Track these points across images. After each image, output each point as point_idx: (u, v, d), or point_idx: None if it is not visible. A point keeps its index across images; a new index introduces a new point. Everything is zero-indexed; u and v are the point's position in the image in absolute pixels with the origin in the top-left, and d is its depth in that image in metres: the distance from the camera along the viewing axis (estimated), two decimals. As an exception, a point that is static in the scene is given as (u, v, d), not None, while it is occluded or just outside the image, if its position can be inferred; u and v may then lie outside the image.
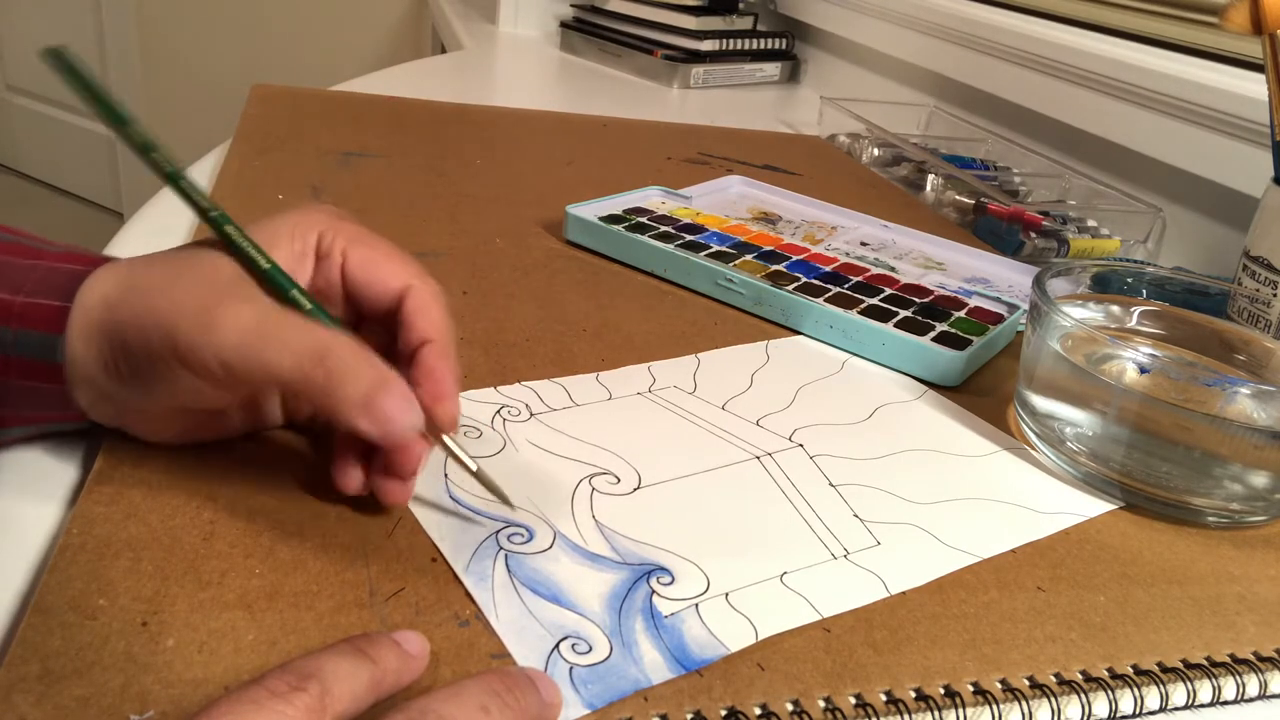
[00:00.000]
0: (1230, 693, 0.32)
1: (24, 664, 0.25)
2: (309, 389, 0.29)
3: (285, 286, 0.32)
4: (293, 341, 0.29)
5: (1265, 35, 0.51)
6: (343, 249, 0.33)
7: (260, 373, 0.29)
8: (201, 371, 0.29)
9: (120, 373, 0.31)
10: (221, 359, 0.29)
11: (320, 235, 0.34)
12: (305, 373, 0.29)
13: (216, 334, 0.29)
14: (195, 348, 0.29)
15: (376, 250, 0.34)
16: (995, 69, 0.92)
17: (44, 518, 0.32)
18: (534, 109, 0.92)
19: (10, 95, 2.57)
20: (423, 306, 0.33)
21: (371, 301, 0.33)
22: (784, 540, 0.35)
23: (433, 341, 0.32)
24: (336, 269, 0.33)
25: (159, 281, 0.31)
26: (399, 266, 0.34)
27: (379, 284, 0.33)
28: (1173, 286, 0.49)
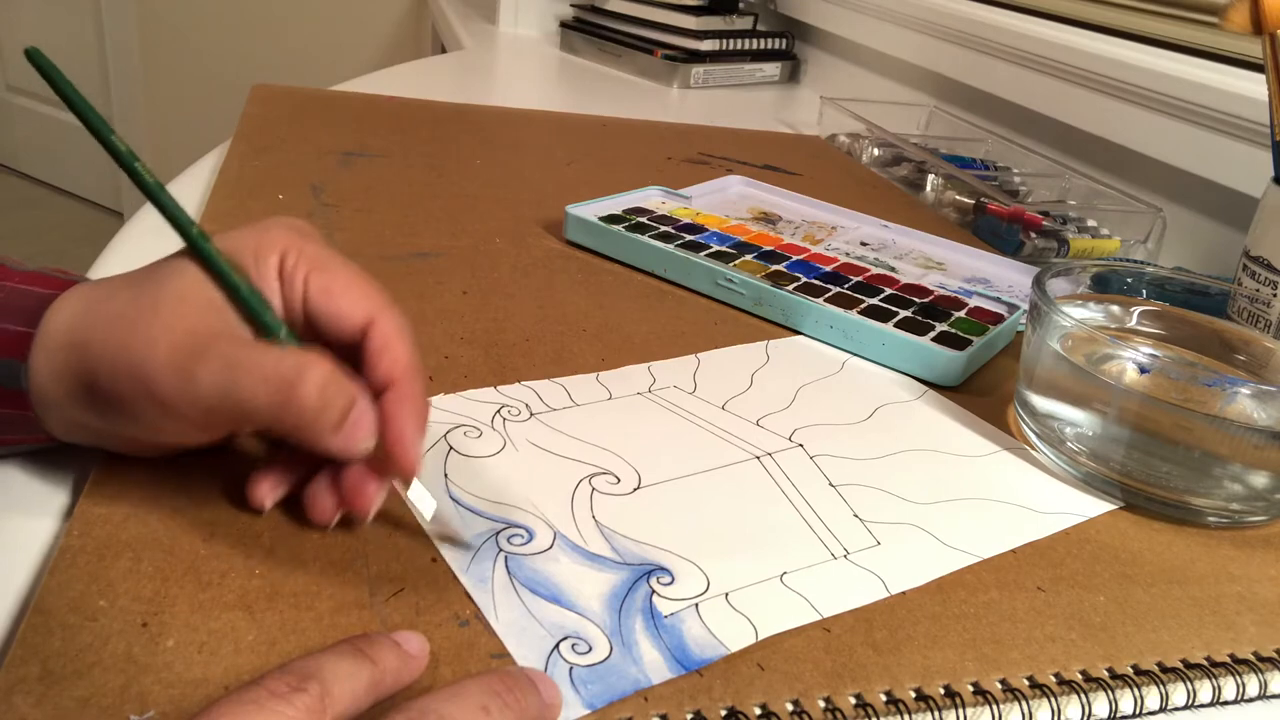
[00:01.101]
0: (1230, 693, 0.32)
1: (24, 665, 0.25)
2: (285, 420, 0.29)
3: (260, 311, 0.31)
4: (263, 374, 0.28)
5: (1265, 35, 0.51)
6: (305, 275, 0.32)
7: (238, 411, 0.29)
8: (184, 419, 0.29)
9: (97, 409, 0.30)
10: (202, 407, 0.29)
11: (283, 257, 0.32)
12: (280, 405, 0.28)
13: (196, 384, 0.28)
14: (176, 400, 0.29)
15: (337, 279, 0.32)
16: (995, 69, 0.92)
17: (44, 519, 0.32)
18: (534, 109, 0.92)
19: (10, 95, 2.57)
20: (385, 344, 0.31)
21: (332, 332, 0.32)
22: (784, 540, 0.35)
23: (394, 385, 0.31)
24: (299, 296, 0.32)
25: (127, 312, 0.30)
26: (360, 298, 0.32)
27: (340, 316, 0.32)
28: (1173, 286, 0.49)
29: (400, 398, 0.31)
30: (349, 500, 0.31)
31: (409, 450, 0.30)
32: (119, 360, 0.29)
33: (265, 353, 0.29)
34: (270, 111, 0.77)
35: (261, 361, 0.29)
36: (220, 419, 0.29)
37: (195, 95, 2.23)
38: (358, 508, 0.31)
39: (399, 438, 0.30)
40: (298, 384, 0.28)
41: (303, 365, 0.29)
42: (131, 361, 0.29)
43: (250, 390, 0.28)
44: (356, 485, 0.31)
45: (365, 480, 0.31)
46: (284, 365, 0.29)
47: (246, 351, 0.29)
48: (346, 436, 0.29)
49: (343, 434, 0.29)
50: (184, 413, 0.29)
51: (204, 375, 0.28)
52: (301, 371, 0.29)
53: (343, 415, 0.29)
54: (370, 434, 0.30)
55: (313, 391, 0.28)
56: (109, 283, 0.31)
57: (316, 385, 0.29)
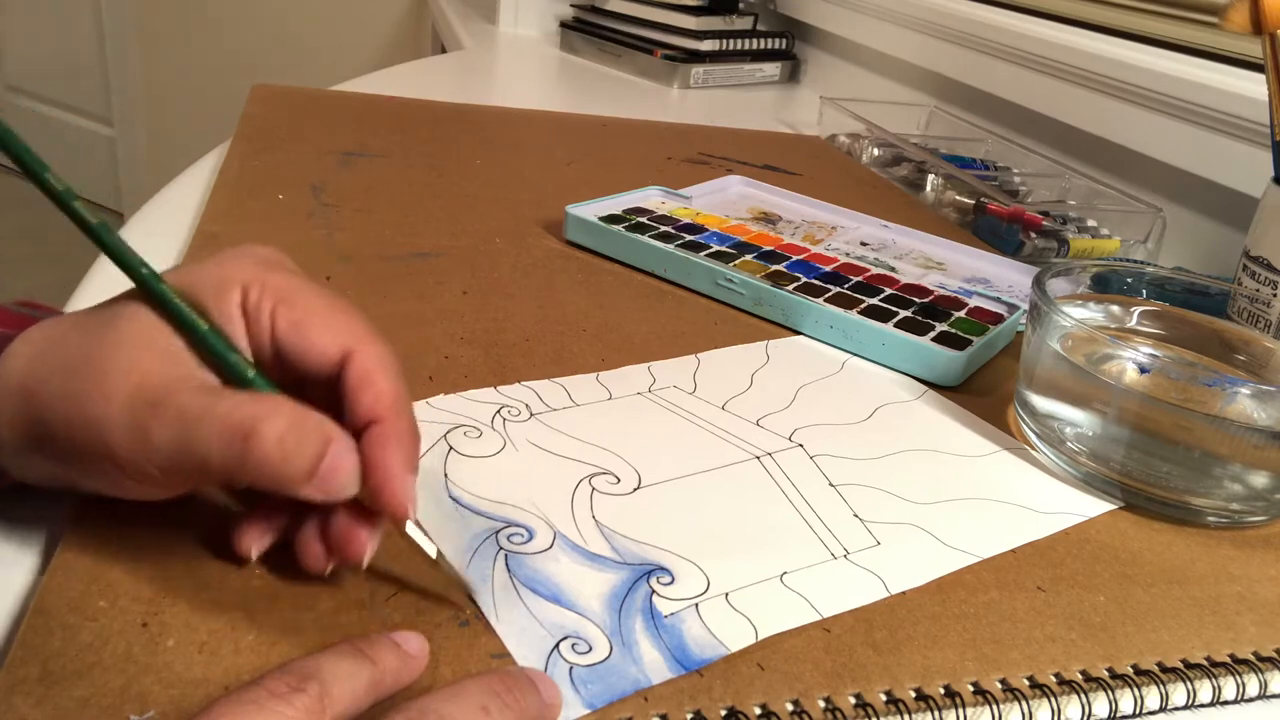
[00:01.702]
0: (1230, 693, 0.32)
1: (24, 665, 0.25)
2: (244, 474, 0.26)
3: (223, 353, 0.28)
4: (217, 427, 0.26)
5: (1265, 35, 0.51)
6: (271, 309, 0.29)
7: (195, 468, 0.27)
8: (143, 480, 0.27)
9: (59, 463, 0.28)
10: (159, 463, 0.27)
11: (245, 291, 0.29)
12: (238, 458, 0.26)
13: (151, 441, 0.26)
14: (133, 459, 0.27)
15: (308, 310, 0.29)
16: (995, 69, 0.92)
17: (45, 518, 0.32)
18: (534, 109, 0.92)
19: (10, 95, 2.57)
20: (364, 379, 0.29)
21: (308, 369, 0.29)
22: (784, 540, 0.35)
23: (377, 422, 0.28)
24: (266, 332, 0.29)
25: (79, 360, 0.27)
26: (335, 330, 0.29)
27: (314, 351, 0.29)
28: (1173, 286, 0.49)
29: (384, 436, 0.28)
30: (339, 550, 0.29)
31: (397, 492, 0.28)
32: (73, 415, 0.27)
33: (219, 402, 0.27)
34: (270, 111, 0.77)
35: (214, 412, 0.26)
36: (179, 477, 0.27)
37: (195, 95, 2.23)
38: (349, 557, 0.29)
39: (385, 480, 0.28)
40: (252, 435, 0.26)
41: (258, 414, 0.26)
42: (86, 418, 0.27)
43: (204, 446, 0.26)
44: (345, 533, 0.28)
45: (354, 527, 0.28)
46: (236, 415, 0.26)
47: (202, 401, 0.26)
48: (322, 483, 0.27)
49: (317, 481, 0.26)
50: (141, 471, 0.27)
51: (158, 431, 0.26)
52: (256, 421, 0.26)
53: (313, 462, 0.26)
54: (351, 478, 0.27)
55: (270, 441, 0.26)
56: (62, 324, 0.29)
57: (275, 435, 0.26)
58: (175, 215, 0.56)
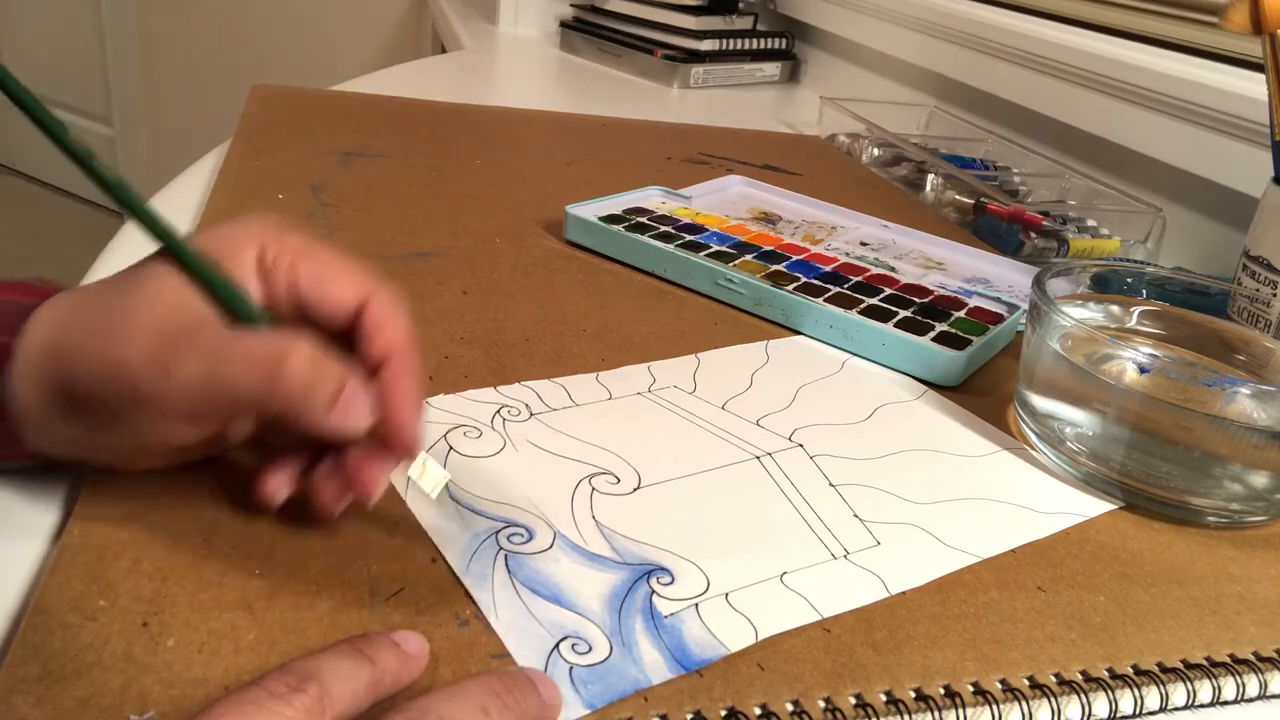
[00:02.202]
0: (1230, 693, 0.32)
1: (24, 665, 0.25)
2: (273, 402, 0.28)
3: (235, 300, 0.30)
4: (246, 357, 0.28)
5: (1265, 35, 0.51)
6: (290, 264, 0.31)
7: (225, 396, 0.28)
8: (170, 413, 0.29)
9: (81, 418, 0.30)
10: (187, 395, 0.28)
11: (262, 249, 0.31)
12: (267, 385, 0.28)
13: (177, 374, 0.28)
14: (160, 394, 0.28)
15: (327, 264, 0.31)
16: (995, 69, 0.92)
17: (44, 519, 0.32)
18: (534, 109, 0.92)
19: (10, 95, 2.57)
20: (380, 321, 0.31)
21: (326, 318, 0.31)
22: (784, 540, 0.35)
23: (390, 360, 0.31)
24: (284, 286, 0.31)
25: (101, 319, 0.29)
26: (351, 279, 0.32)
27: (332, 300, 0.31)
28: (1173, 286, 0.49)
29: (396, 373, 0.30)
30: (353, 483, 0.30)
31: (408, 425, 0.30)
32: (97, 364, 0.28)
33: (246, 336, 0.29)
34: (270, 111, 0.77)
35: (244, 344, 0.28)
36: (207, 409, 0.29)
37: (195, 95, 2.23)
38: (362, 490, 0.30)
39: (397, 413, 0.30)
40: (284, 361, 0.28)
41: (288, 343, 0.28)
42: (110, 363, 0.28)
43: (234, 374, 0.28)
44: (359, 467, 0.30)
45: (368, 462, 0.30)
46: (268, 345, 0.28)
47: (226, 338, 0.29)
48: (341, 414, 0.29)
49: (337, 412, 0.28)
50: (169, 407, 0.28)
51: (185, 366, 0.28)
52: (287, 349, 0.28)
53: (334, 394, 0.28)
54: (366, 412, 0.29)
55: (300, 368, 0.28)
56: (85, 290, 0.31)
57: (303, 362, 0.28)
58: (175, 215, 0.56)
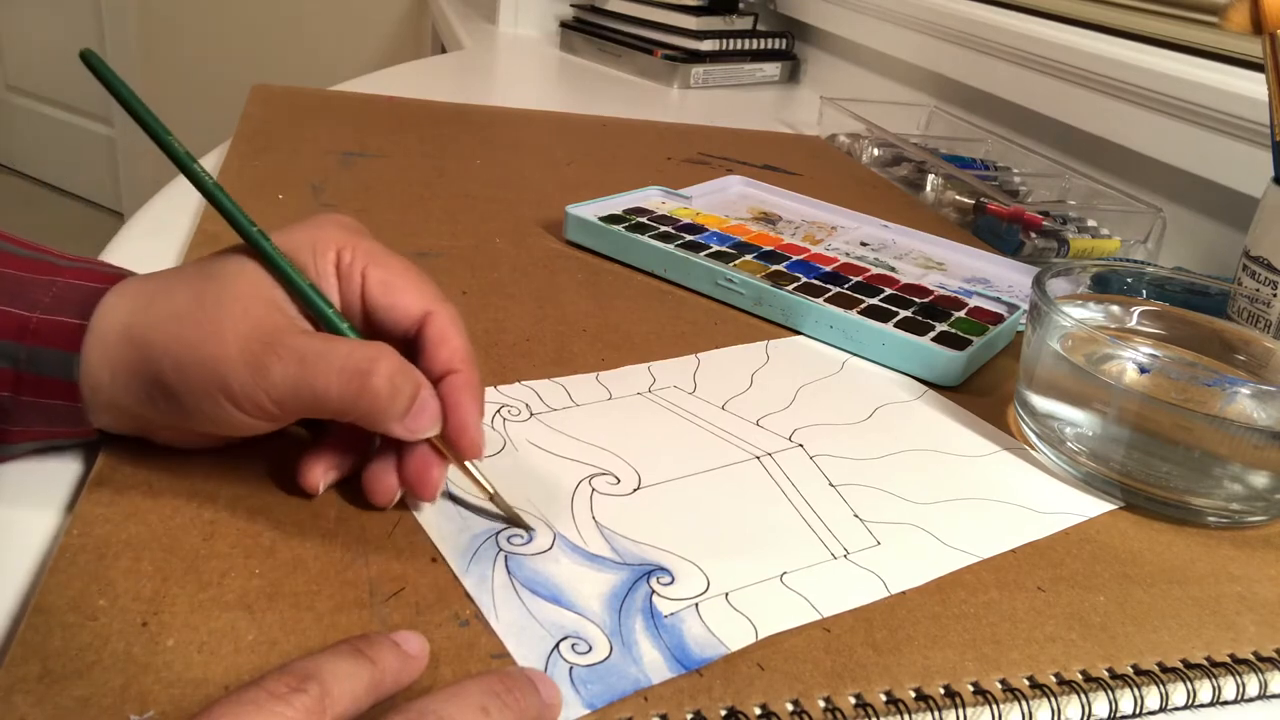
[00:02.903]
0: (1230, 693, 0.32)
1: (24, 664, 0.25)
2: (357, 410, 0.30)
3: (323, 308, 0.32)
4: (337, 366, 0.30)
5: (1265, 35, 0.51)
6: (362, 269, 0.33)
7: (311, 401, 0.30)
8: (254, 410, 0.30)
9: (159, 406, 0.31)
10: (275, 396, 0.30)
11: (339, 253, 0.33)
12: (354, 395, 0.30)
13: (269, 374, 0.30)
14: (250, 393, 0.30)
15: (395, 273, 0.34)
16: (995, 69, 0.92)
17: (45, 518, 0.32)
18: (534, 109, 0.92)
19: (10, 95, 2.57)
20: (444, 335, 0.33)
21: (391, 325, 0.33)
22: (784, 540, 0.35)
23: (457, 373, 0.33)
24: (357, 290, 0.33)
25: (188, 310, 0.30)
26: (418, 291, 0.34)
27: (399, 309, 0.33)
28: (1173, 286, 0.49)
29: (462, 384, 0.32)
30: (414, 484, 0.32)
31: (473, 434, 0.32)
32: (186, 357, 0.30)
33: (336, 345, 0.30)
34: (270, 111, 0.77)
35: (334, 354, 0.30)
36: (290, 410, 0.31)
37: (195, 95, 2.23)
38: (424, 491, 0.32)
39: (464, 422, 0.32)
40: (371, 374, 0.30)
41: (374, 356, 0.30)
42: (201, 358, 0.30)
43: (324, 382, 0.30)
44: (422, 470, 0.32)
45: (429, 464, 0.32)
46: (356, 356, 0.30)
47: (317, 344, 0.30)
48: (413, 422, 0.31)
49: (410, 420, 0.31)
50: (256, 406, 0.30)
51: (276, 369, 0.29)
52: (374, 362, 0.30)
53: (410, 402, 0.31)
54: (435, 420, 0.32)
55: (384, 381, 0.30)
56: (163, 278, 0.32)
57: (387, 375, 0.30)
58: (175, 215, 0.56)
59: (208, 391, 0.30)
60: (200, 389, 0.30)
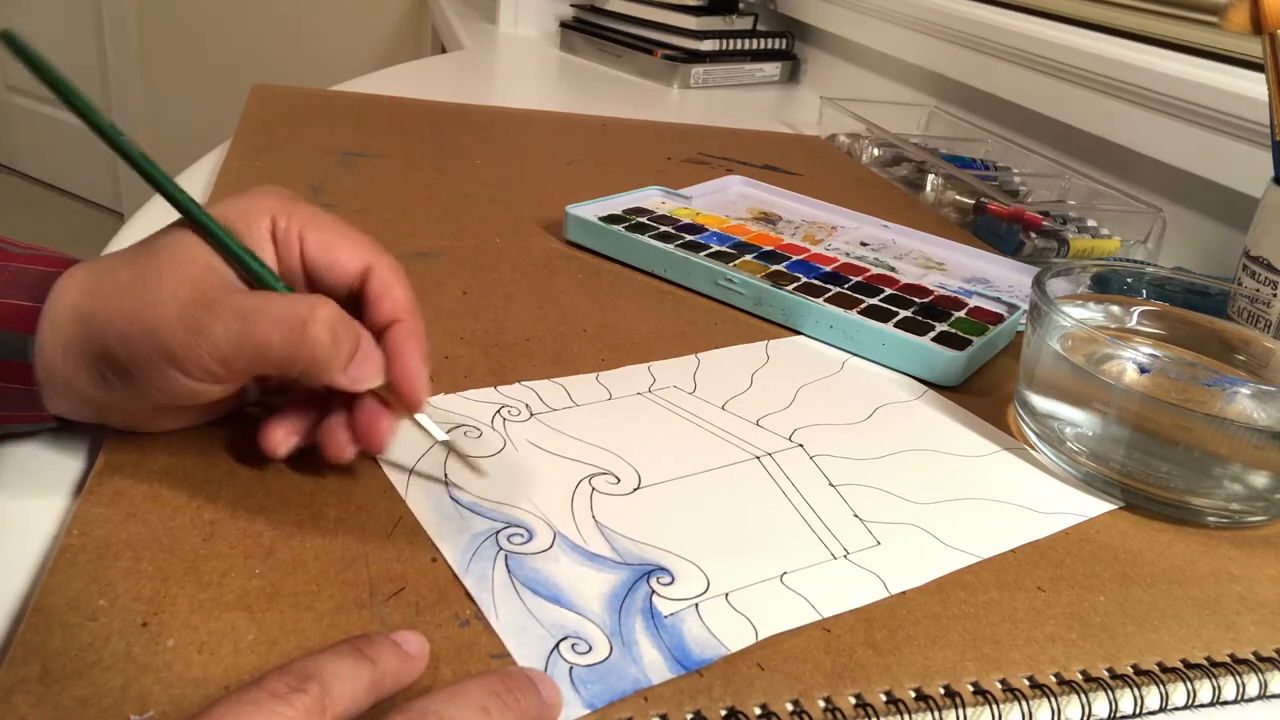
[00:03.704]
0: (1230, 693, 0.32)
1: (24, 665, 0.25)
2: (299, 360, 0.31)
3: (256, 267, 0.32)
4: (276, 317, 0.30)
5: (1265, 35, 0.51)
6: (299, 232, 0.34)
7: (254, 355, 0.31)
8: (199, 373, 0.31)
9: (109, 382, 0.31)
10: (218, 356, 0.30)
11: (274, 219, 0.34)
12: (294, 344, 0.30)
13: (209, 334, 0.30)
14: (191, 353, 0.30)
15: (333, 232, 0.34)
16: (995, 69, 0.92)
17: (45, 517, 0.32)
18: (534, 109, 0.92)
19: (10, 95, 2.57)
20: (385, 287, 0.34)
21: (332, 283, 0.34)
22: (784, 540, 0.35)
23: (399, 322, 0.33)
24: (295, 253, 0.34)
25: (130, 283, 0.31)
26: (356, 247, 0.34)
27: (339, 266, 0.34)
28: (1173, 286, 0.49)
29: (404, 334, 0.33)
30: (364, 436, 0.33)
31: (416, 382, 0.33)
32: (130, 327, 0.30)
33: (274, 298, 0.31)
34: (270, 111, 0.77)
35: (272, 306, 0.31)
36: (236, 368, 0.31)
37: (195, 95, 2.23)
38: (373, 443, 0.33)
39: (405, 370, 0.33)
40: (310, 322, 0.30)
41: (312, 305, 0.31)
42: (143, 326, 0.30)
43: (265, 334, 0.30)
44: (370, 421, 0.33)
45: (377, 416, 0.33)
46: (296, 306, 0.31)
47: (255, 300, 0.31)
48: (356, 371, 0.32)
49: (353, 368, 0.31)
50: (199, 368, 0.30)
51: (216, 327, 0.30)
52: (313, 311, 0.31)
53: (351, 352, 0.31)
54: (378, 369, 0.32)
55: (324, 328, 0.30)
56: (108, 259, 0.33)
57: (327, 322, 0.31)
58: (175, 215, 0.56)
59: (152, 360, 0.30)
60: (145, 359, 0.30)
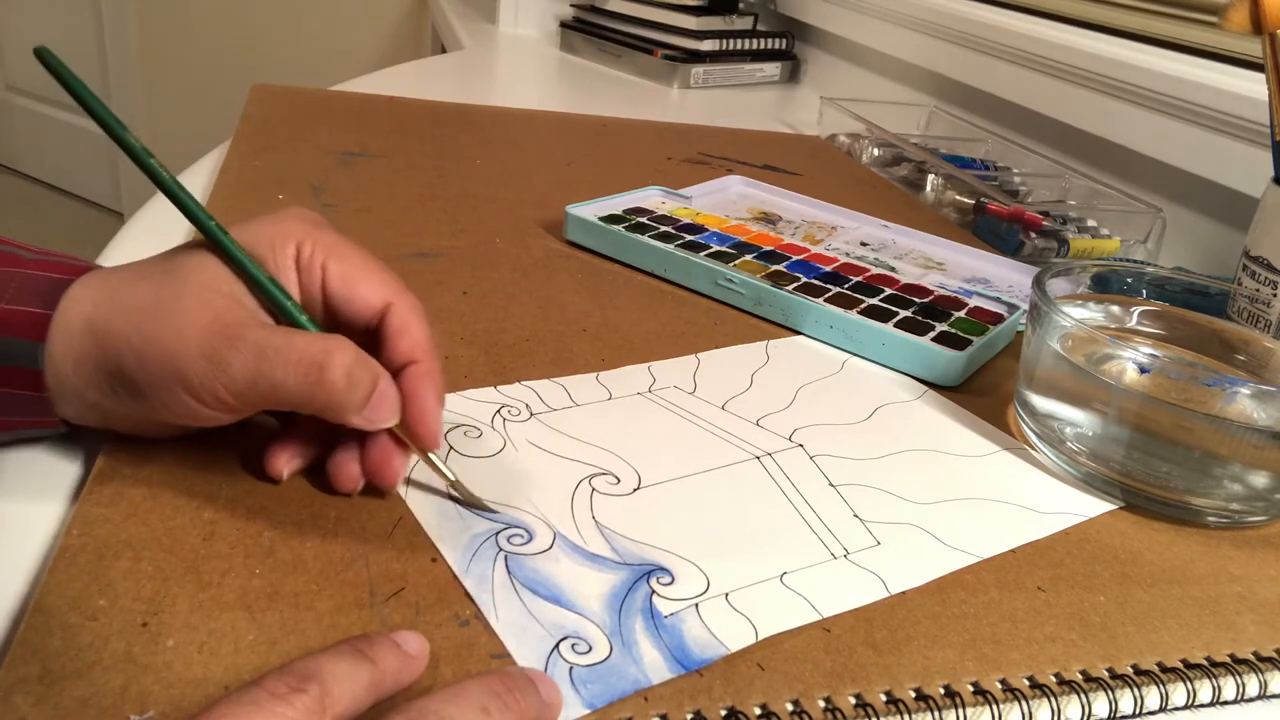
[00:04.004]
0: (1230, 693, 0.32)
1: (24, 665, 0.25)
2: (314, 402, 0.30)
3: (281, 300, 0.32)
4: (293, 359, 0.30)
5: (1265, 35, 0.51)
6: (322, 262, 0.33)
7: (269, 394, 0.30)
8: (213, 401, 0.30)
9: (119, 396, 0.31)
10: (234, 390, 0.30)
11: (299, 246, 0.33)
12: (310, 388, 0.30)
13: (227, 368, 0.30)
14: (207, 384, 0.30)
15: (355, 266, 0.34)
16: (995, 69, 0.92)
17: (45, 518, 0.32)
18: (534, 109, 0.92)
19: (10, 95, 2.57)
20: (404, 325, 0.33)
21: (352, 316, 0.34)
22: (784, 540, 0.35)
23: (416, 363, 0.33)
24: (317, 283, 0.33)
25: (149, 302, 0.31)
26: (378, 282, 0.34)
27: (359, 300, 0.33)
28: (1173, 286, 0.49)
29: (421, 375, 0.33)
30: (376, 474, 0.33)
31: (431, 424, 0.33)
32: (146, 350, 0.30)
33: (293, 338, 0.31)
34: (270, 111, 0.77)
35: (290, 346, 0.30)
36: (250, 402, 0.31)
37: (195, 95, 2.23)
38: (384, 481, 0.33)
39: (422, 413, 0.32)
40: (327, 367, 0.30)
41: (330, 349, 0.30)
42: (160, 352, 0.30)
43: (282, 374, 0.30)
44: (383, 459, 0.33)
45: (390, 454, 0.33)
46: (312, 350, 0.30)
47: (274, 337, 0.30)
48: (372, 413, 0.31)
49: (368, 411, 0.31)
50: (214, 398, 0.30)
51: (235, 362, 0.30)
52: (330, 355, 0.30)
53: (368, 394, 0.31)
54: (394, 410, 0.32)
55: (340, 373, 0.30)
56: (126, 271, 0.32)
57: (344, 367, 0.30)
58: (174, 216, 0.56)
59: (167, 384, 0.30)
60: (160, 381, 0.30)
